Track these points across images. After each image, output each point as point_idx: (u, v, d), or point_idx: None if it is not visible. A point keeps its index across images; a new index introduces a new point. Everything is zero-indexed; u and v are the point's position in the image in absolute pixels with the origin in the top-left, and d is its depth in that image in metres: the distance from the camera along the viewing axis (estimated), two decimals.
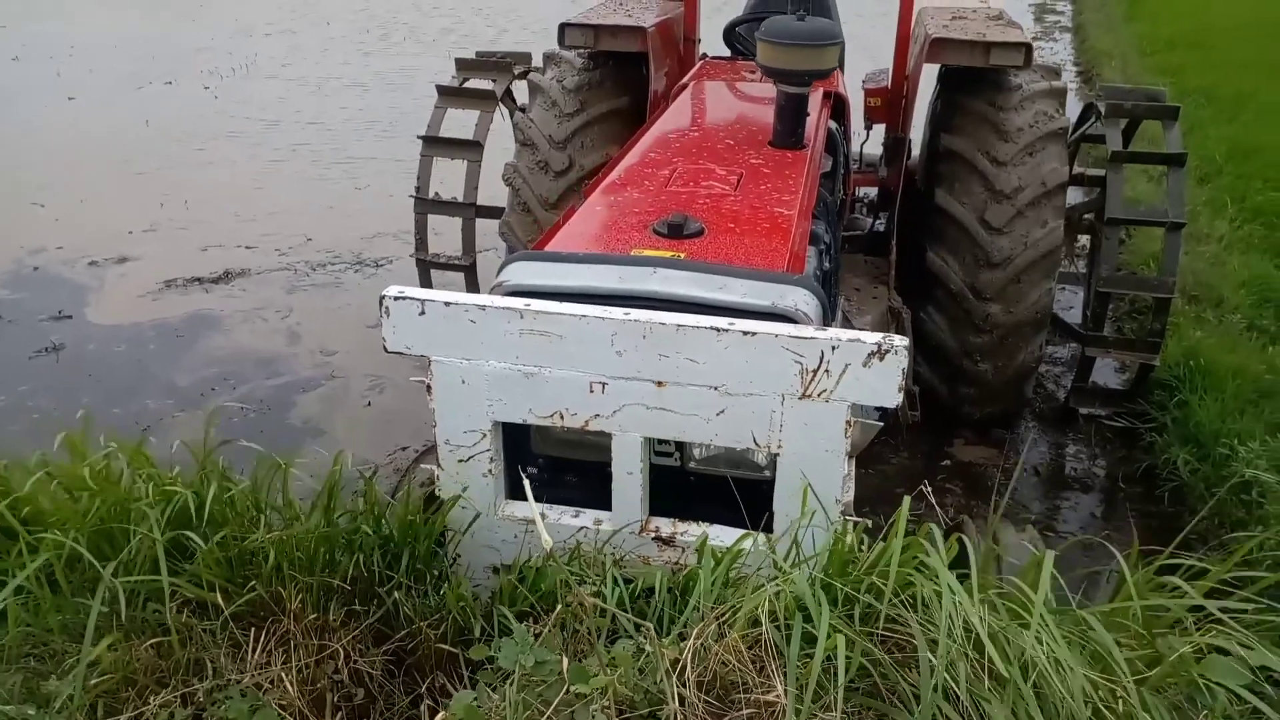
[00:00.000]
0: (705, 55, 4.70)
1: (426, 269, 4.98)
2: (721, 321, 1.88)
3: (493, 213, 4.91)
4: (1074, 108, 10.20)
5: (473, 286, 4.94)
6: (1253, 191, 6.90)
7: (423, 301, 2.03)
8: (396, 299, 2.05)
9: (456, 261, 4.90)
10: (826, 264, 2.69)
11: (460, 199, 4.84)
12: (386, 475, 3.86)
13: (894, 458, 4.41)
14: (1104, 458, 4.48)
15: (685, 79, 3.75)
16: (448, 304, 2.01)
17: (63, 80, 11.06)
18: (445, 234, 5.27)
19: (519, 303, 1.98)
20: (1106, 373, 5.11)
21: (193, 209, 7.33)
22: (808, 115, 2.90)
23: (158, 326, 5.57)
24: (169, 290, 6.02)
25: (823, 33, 2.66)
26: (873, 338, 1.84)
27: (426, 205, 4.89)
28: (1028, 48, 4.07)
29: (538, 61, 4.99)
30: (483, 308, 1.99)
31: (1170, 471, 4.07)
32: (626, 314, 1.92)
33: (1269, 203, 6.71)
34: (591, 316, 1.93)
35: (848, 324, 4.02)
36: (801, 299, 2.02)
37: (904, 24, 4.60)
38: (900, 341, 1.82)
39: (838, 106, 3.57)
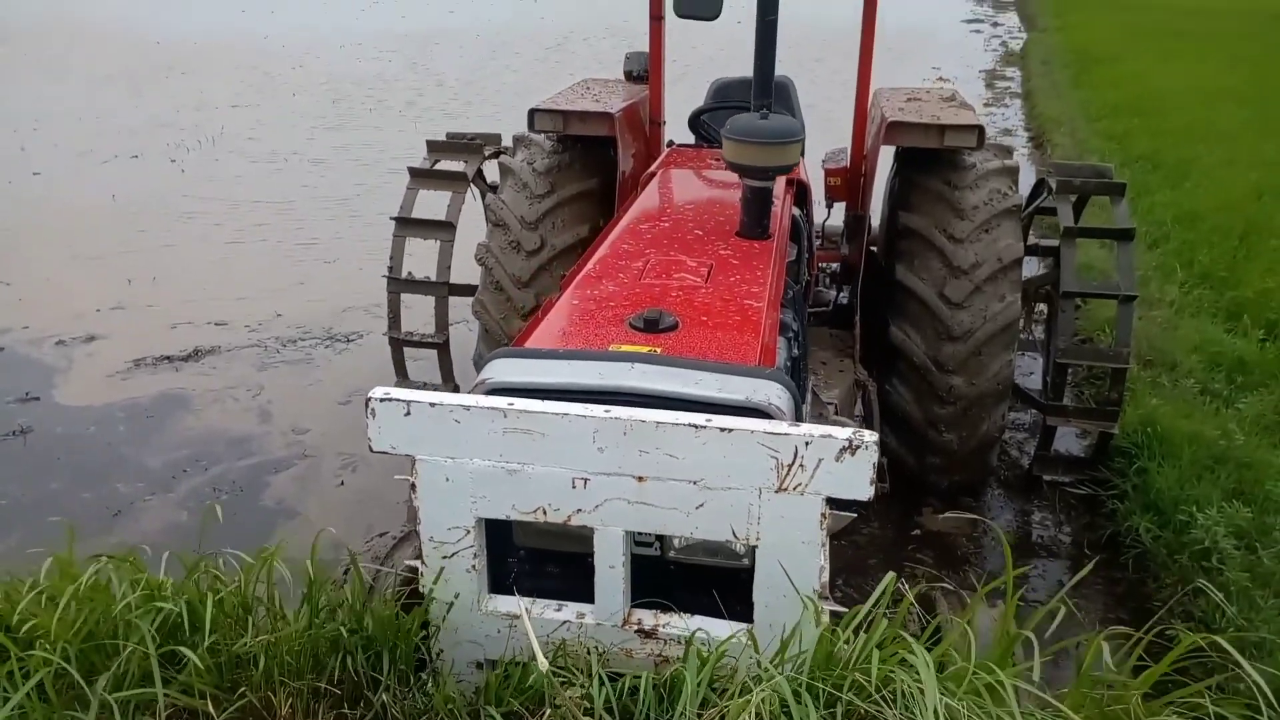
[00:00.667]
0: (672, 142, 4.84)
1: (400, 347, 5.02)
2: (699, 418, 1.95)
3: (465, 290, 4.99)
4: (1028, 172, 10.58)
5: (445, 364, 4.99)
6: (1199, 256, 7.14)
7: (408, 403, 2.08)
8: (383, 400, 2.10)
9: (429, 339, 4.95)
10: (795, 350, 2.79)
11: (433, 278, 4.90)
12: (364, 563, 3.86)
13: (865, 528, 4.48)
14: (1069, 524, 4.58)
15: (654, 167, 3.87)
16: (433, 405, 2.06)
17: (27, 154, 11.06)
18: (416, 308, 5.31)
19: (502, 402, 2.04)
20: (1069, 438, 5.24)
21: (161, 285, 7.33)
22: (773, 206, 3.02)
23: (127, 407, 5.54)
24: (138, 369, 6.00)
25: (785, 131, 2.78)
26: (843, 433, 1.92)
27: (400, 285, 4.95)
28: (980, 130, 4.25)
29: (507, 141, 5.11)
30: (467, 408, 2.04)
31: (1133, 538, 4.17)
32: (607, 411, 1.99)
33: (1215, 266, 6.95)
34: (573, 415, 1.99)
35: (817, 399, 4.11)
36: (774, 393, 2.10)
37: (861, 105, 4.77)
38: (870, 437, 1.90)
39: (800, 193, 3.70)
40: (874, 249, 5.15)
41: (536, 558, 2.41)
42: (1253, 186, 8.59)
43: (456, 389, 5.02)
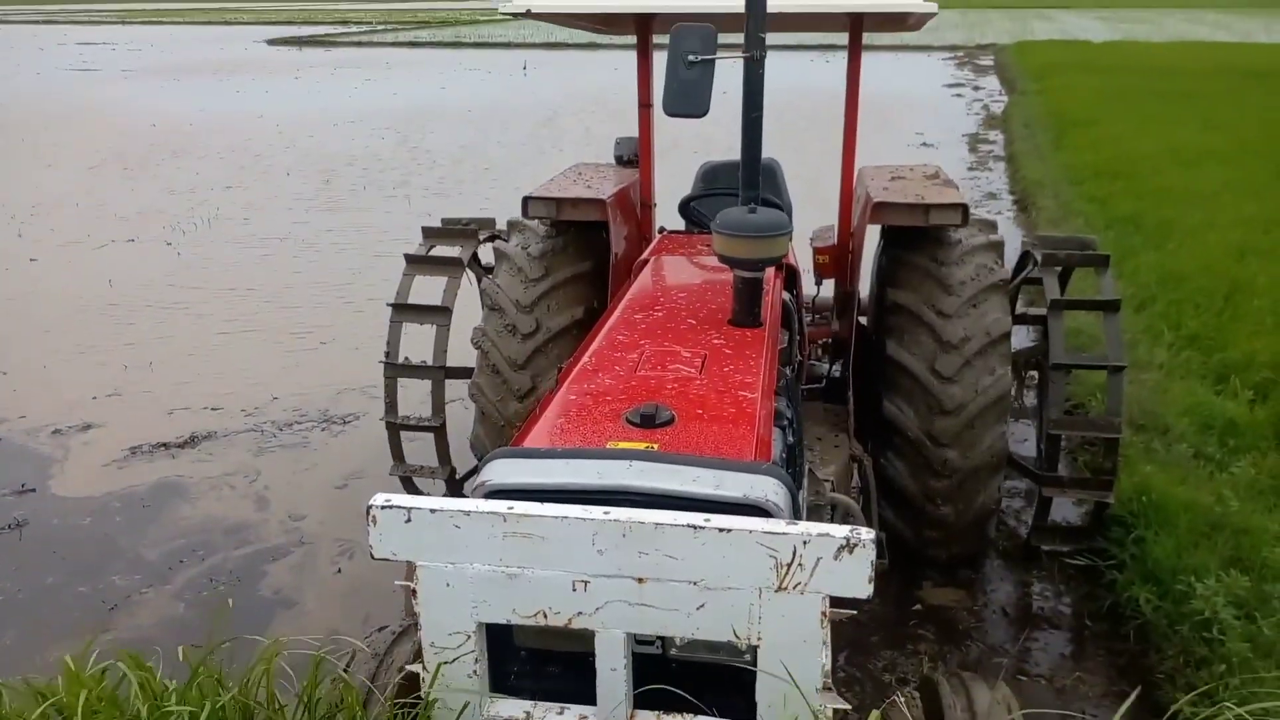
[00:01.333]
0: (663, 229, 4.94)
1: (396, 431, 5.04)
2: (698, 518, 1.98)
3: (462, 373, 5.04)
4: (1015, 235, 10.74)
5: (442, 446, 5.01)
6: (1186, 318, 7.23)
7: (409, 509, 2.10)
8: (384, 508, 2.12)
9: (426, 423, 4.98)
10: (790, 437, 2.82)
11: (430, 362, 4.95)
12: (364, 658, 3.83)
13: (866, 604, 4.45)
14: (1069, 595, 4.57)
15: (646, 254, 3.95)
16: (433, 511, 2.08)
17: (24, 241, 11.19)
18: (413, 388, 5.35)
19: (502, 506, 2.06)
20: (1067, 505, 5.25)
21: (157, 370, 7.37)
22: (763, 294, 3.08)
23: (124, 497, 5.54)
24: (134, 458, 6.01)
25: (773, 225, 2.85)
26: (841, 531, 1.94)
27: (396, 370, 4.99)
28: (964, 208, 4.34)
29: (501, 225, 5.21)
30: (467, 513, 2.07)
31: (1133, 609, 4.17)
32: (606, 514, 2.01)
33: (1202, 328, 7.03)
34: (572, 518, 2.01)
35: (814, 477, 4.13)
36: (770, 488, 2.13)
37: (846, 184, 4.87)
38: (867, 535, 1.92)
39: (789, 276, 3.77)
40: (864, 321, 5.22)
41: (538, 658, 2.41)
42: (1234, 247, 8.72)
43: (453, 472, 5.05)
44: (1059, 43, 37.98)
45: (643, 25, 4.65)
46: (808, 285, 5.19)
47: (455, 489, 5.14)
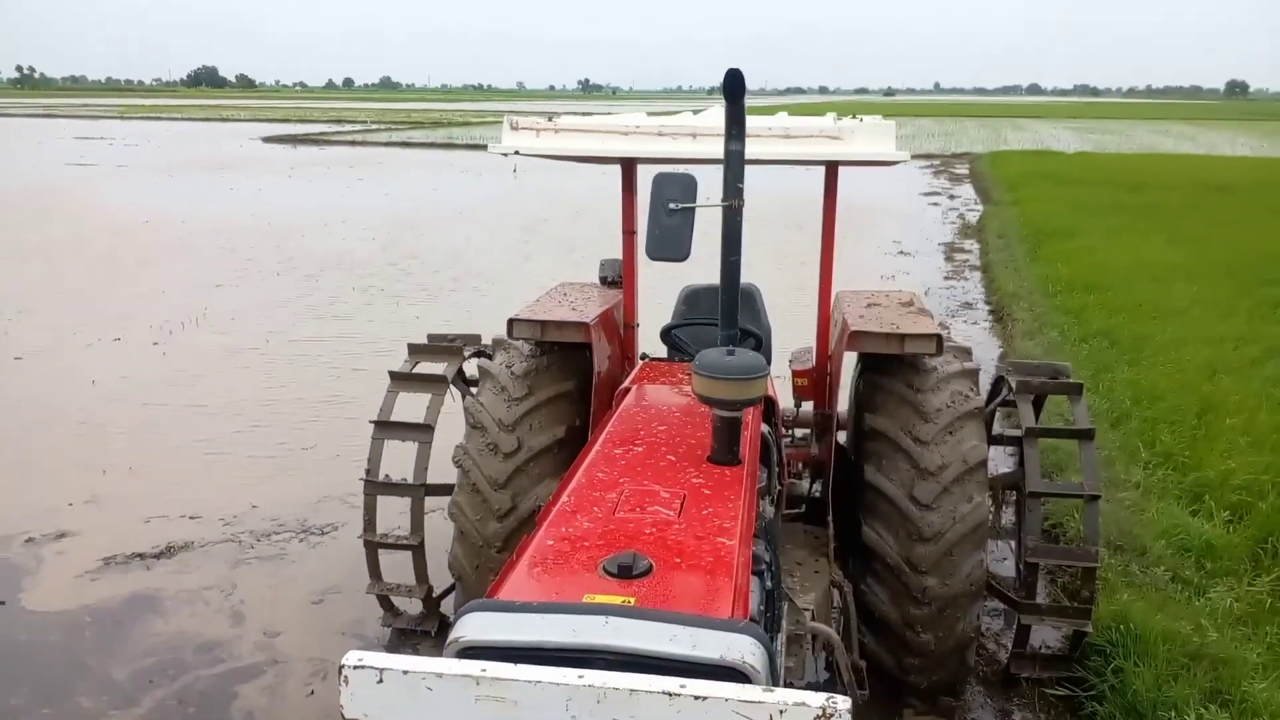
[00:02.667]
0: (645, 355, 5.03)
1: (374, 549, 5.03)
2: (673, 684, 1.98)
3: (443, 490, 5.04)
4: (991, 347, 10.91)
5: (420, 565, 4.99)
6: (1161, 436, 7.34)
7: (381, 670, 2.09)
8: (356, 668, 2.11)
9: (404, 541, 4.96)
10: (769, 583, 2.84)
11: (410, 479, 4.96)
12: None
13: None
14: None
15: (627, 382, 4.01)
16: (405, 672, 2.08)
17: (10, 339, 11.20)
18: (392, 501, 5.32)
19: (475, 667, 2.06)
20: (1048, 628, 5.23)
21: (137, 476, 7.33)
22: (742, 432, 3.13)
23: (95, 611, 5.45)
24: (108, 569, 5.93)
25: (751, 367, 2.92)
26: (817, 700, 1.95)
27: (377, 487, 5.00)
28: (939, 338, 4.45)
29: (487, 340, 5.29)
30: (439, 675, 2.06)
31: None
32: (580, 677, 2.01)
33: (1176, 447, 7.14)
34: (546, 682, 2.01)
35: (793, 606, 4.13)
36: (747, 649, 2.14)
37: (824, 308, 4.99)
38: (843, 705, 1.93)
39: (768, 408, 3.84)
40: (843, 440, 5.28)
41: None
42: (1206, 364, 8.91)
43: (430, 590, 5.02)
44: (1032, 153, 39.23)
45: (627, 164, 4.84)
46: (785, 399, 5.28)
47: (432, 608, 5.10)
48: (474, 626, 2.22)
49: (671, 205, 3.15)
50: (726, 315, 3.27)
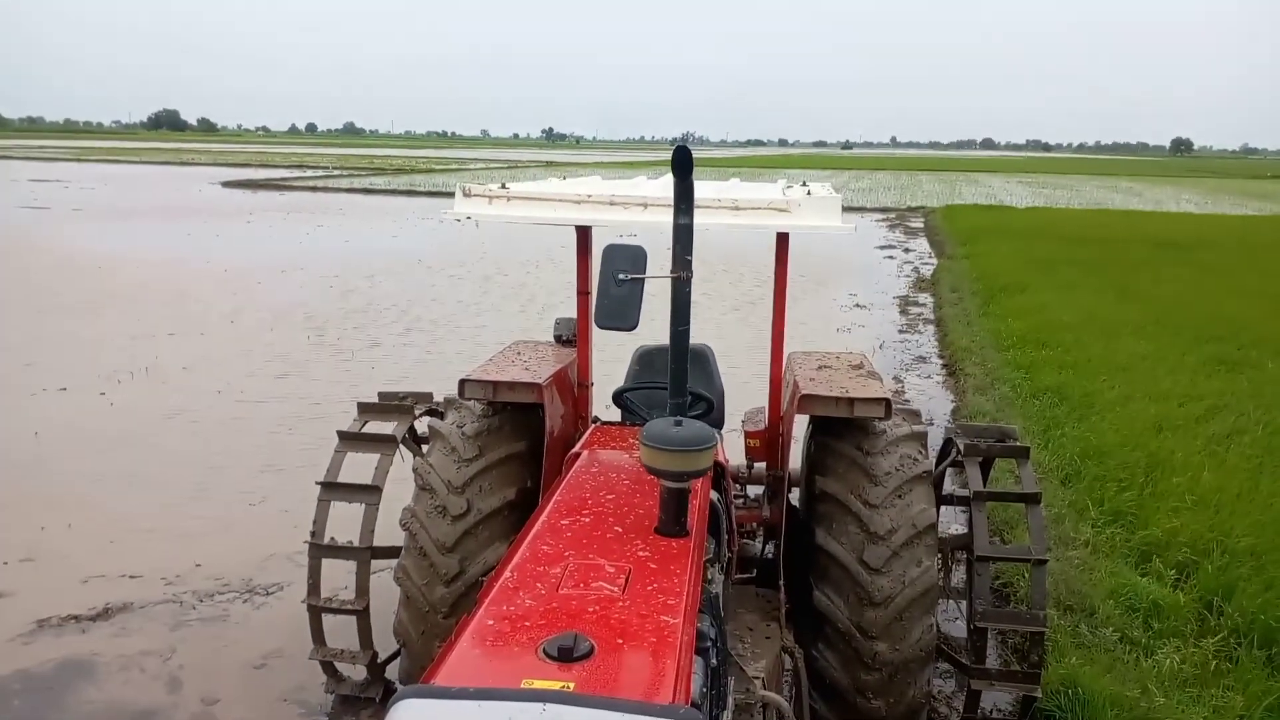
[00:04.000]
0: (597, 419, 5.01)
1: (318, 614, 4.91)
2: None
3: (390, 553, 4.96)
4: (943, 397, 11.02)
5: (365, 629, 4.88)
6: (1109, 494, 7.43)
7: None
8: None
9: (349, 606, 4.86)
10: (714, 660, 2.81)
11: (356, 542, 4.87)
12: None
13: None
14: None
15: (578, 447, 3.99)
16: None
17: None
18: (338, 564, 5.22)
19: None
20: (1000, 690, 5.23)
21: (76, 533, 7.13)
22: (690, 503, 3.12)
23: (25, 678, 5.25)
24: (42, 632, 5.73)
25: (699, 439, 2.92)
26: None
27: (322, 550, 4.90)
28: (888, 402, 4.48)
29: (440, 397, 5.24)
30: None
31: None
32: None
33: (1124, 505, 7.23)
34: None
35: (743, 675, 4.09)
36: None
37: (776, 370, 5.02)
38: None
39: (718, 474, 3.84)
40: (796, 502, 5.28)
41: None
42: (1152, 421, 9.07)
43: (375, 656, 4.91)
44: (985, 207, 40.10)
45: (581, 229, 4.87)
46: (737, 456, 5.28)
47: (377, 673, 4.98)
48: (408, 714, 2.16)
49: (620, 276, 3.17)
50: (675, 384, 3.27)
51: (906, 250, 26.84)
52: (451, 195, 4.30)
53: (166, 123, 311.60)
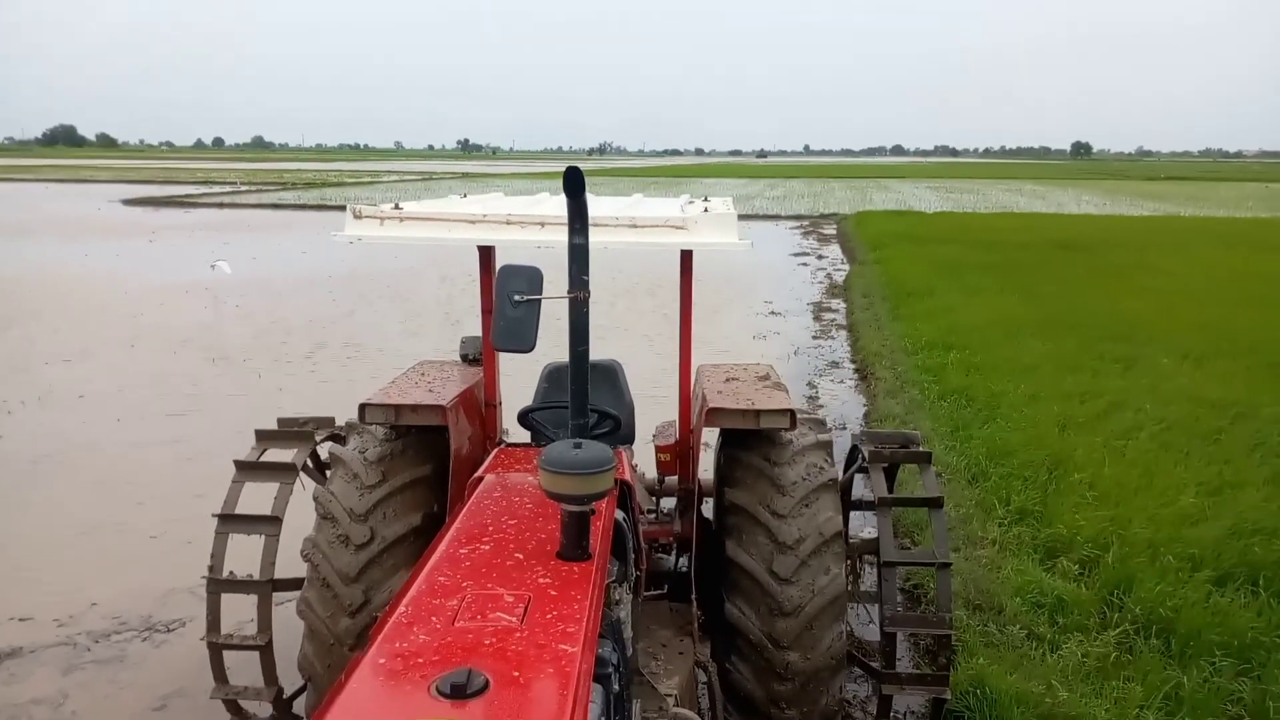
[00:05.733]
0: (503, 442, 4.94)
1: (219, 651, 4.72)
2: None
3: (292, 585, 4.81)
4: (856, 403, 11.19)
5: (269, 665, 4.71)
6: (1015, 493, 7.62)
7: None
8: None
9: (250, 641, 4.69)
10: (617, 685, 2.77)
11: (256, 575, 4.71)
12: None
13: None
14: None
15: (481, 471, 3.92)
16: None
17: None
18: (240, 598, 5.04)
19: None
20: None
21: None
22: (592, 526, 3.07)
23: None
24: None
25: (598, 461, 2.87)
26: None
27: (220, 585, 4.72)
28: (792, 413, 4.52)
29: (343, 421, 5.10)
30: None
31: None
32: None
33: (1029, 503, 7.41)
34: None
35: (655, 693, 4.06)
36: None
37: (684, 385, 5.01)
38: None
39: (624, 494, 3.80)
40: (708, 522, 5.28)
41: None
42: (1056, 419, 9.34)
43: (280, 692, 4.74)
44: (895, 213, 41.02)
45: (484, 248, 4.80)
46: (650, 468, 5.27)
47: (283, 710, 4.82)
48: None
49: (516, 297, 3.12)
50: (576, 405, 3.24)
51: (820, 257, 27.27)
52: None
53: (63, 138, 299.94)
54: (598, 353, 3.33)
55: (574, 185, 3.01)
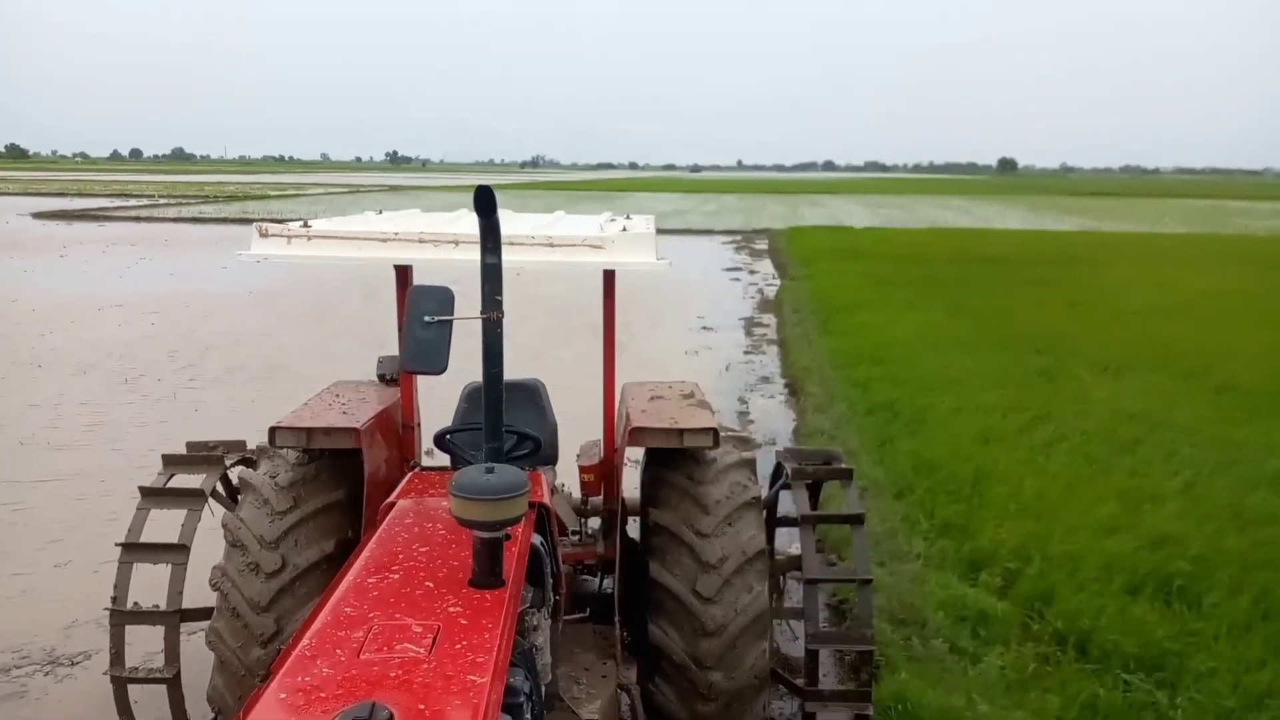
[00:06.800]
0: (417, 465, 4.83)
1: (123, 686, 4.52)
2: None
3: (202, 614, 4.63)
4: (786, 417, 11.25)
5: (177, 699, 4.53)
6: (940, 506, 7.70)
7: None
8: None
9: (157, 674, 4.50)
10: (528, 715, 2.70)
11: (163, 606, 4.52)
12: None
13: None
14: None
15: (394, 496, 3.81)
16: None
17: None
18: (145, 630, 4.82)
19: None
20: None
21: None
22: (504, 552, 3.00)
23: None
24: None
25: (511, 486, 2.80)
26: None
27: (124, 617, 4.51)
28: (715, 431, 4.50)
29: (254, 444, 4.94)
30: None
31: None
32: None
33: (953, 517, 7.50)
34: None
35: (574, 717, 3.99)
36: None
37: (609, 404, 4.97)
38: None
39: (541, 518, 3.73)
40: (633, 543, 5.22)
41: None
42: (979, 433, 9.50)
43: None
44: (826, 228, 41.61)
45: (401, 267, 4.71)
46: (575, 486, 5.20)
47: None
48: None
49: (427, 318, 3.04)
50: (491, 428, 3.16)
51: (752, 272, 27.49)
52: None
53: None
54: (549, 361, 3.25)
55: (485, 204, 2.95)
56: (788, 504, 6.16)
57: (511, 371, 3.47)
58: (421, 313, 3.04)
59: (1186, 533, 6.91)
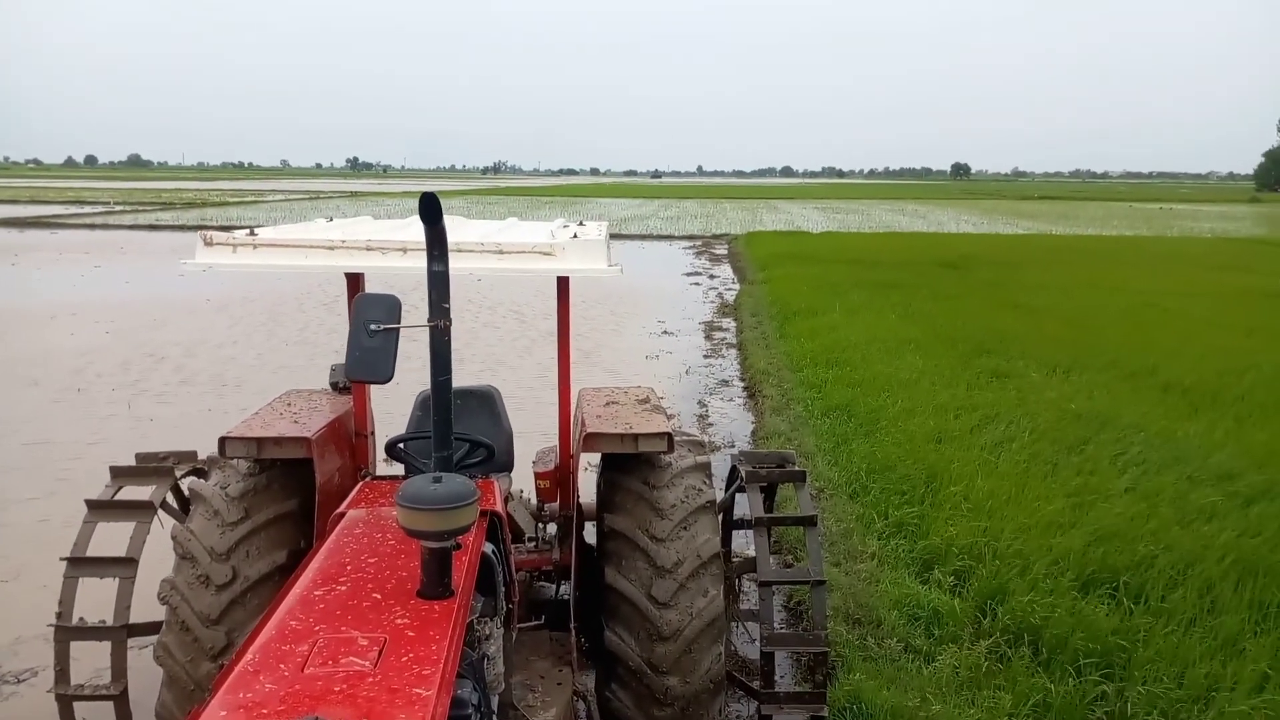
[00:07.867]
0: (367, 474, 4.80)
1: (69, 704, 4.44)
2: None
3: (150, 629, 4.57)
4: (745, 419, 11.30)
5: (124, 716, 4.46)
6: (893, 506, 7.79)
7: None
8: None
9: (104, 691, 4.43)
10: None
11: (110, 621, 4.45)
12: None
13: None
14: None
15: (343, 507, 3.78)
16: None
17: None
18: (91, 646, 4.74)
19: None
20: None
21: None
22: (453, 562, 2.99)
23: None
24: None
25: (459, 495, 2.80)
26: None
27: (69, 633, 4.44)
28: (669, 436, 4.52)
29: (205, 455, 4.87)
30: None
31: None
32: None
33: (907, 516, 7.59)
34: None
35: None
36: None
37: (564, 410, 4.97)
38: None
39: (493, 526, 3.72)
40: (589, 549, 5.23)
41: None
42: (932, 433, 9.61)
43: None
44: (784, 233, 41.86)
45: (352, 275, 4.68)
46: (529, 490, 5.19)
47: None
48: None
49: (373, 326, 3.03)
50: (440, 437, 3.15)
51: (711, 277, 27.60)
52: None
53: None
54: (524, 362, 3.24)
55: (430, 212, 2.95)
56: (745, 507, 6.23)
57: (475, 379, 3.47)
58: (367, 320, 3.03)
59: (1134, 529, 7.05)
